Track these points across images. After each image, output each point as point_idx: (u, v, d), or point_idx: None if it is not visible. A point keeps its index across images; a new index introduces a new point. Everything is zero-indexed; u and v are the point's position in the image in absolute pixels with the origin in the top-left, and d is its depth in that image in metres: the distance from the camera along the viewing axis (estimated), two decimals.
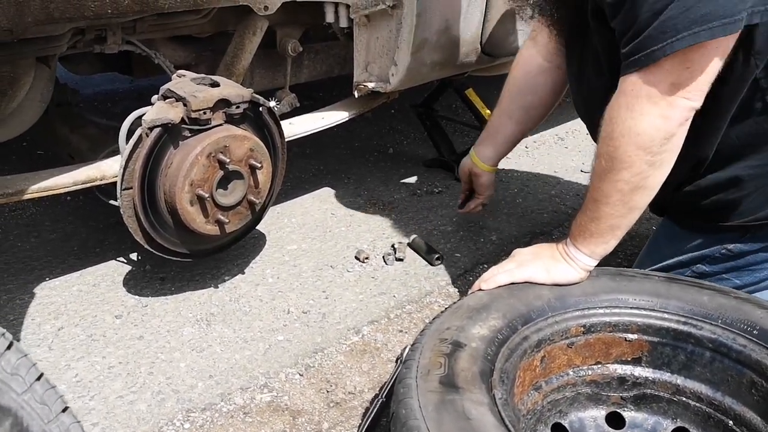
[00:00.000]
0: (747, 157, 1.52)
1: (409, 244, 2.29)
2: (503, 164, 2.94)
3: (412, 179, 2.84)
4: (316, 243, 2.31)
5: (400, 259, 2.22)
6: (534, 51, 1.95)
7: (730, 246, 1.63)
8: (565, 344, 1.42)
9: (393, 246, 2.27)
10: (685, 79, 1.29)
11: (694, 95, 1.31)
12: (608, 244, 1.49)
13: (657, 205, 1.66)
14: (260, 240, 2.31)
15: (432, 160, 2.97)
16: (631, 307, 1.44)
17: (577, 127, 3.42)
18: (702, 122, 1.41)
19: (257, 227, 2.15)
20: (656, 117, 1.32)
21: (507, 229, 2.44)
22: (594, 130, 1.57)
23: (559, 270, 1.49)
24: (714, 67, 1.30)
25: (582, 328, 1.42)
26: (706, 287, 1.45)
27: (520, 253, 1.58)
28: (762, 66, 1.39)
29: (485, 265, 2.20)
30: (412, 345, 1.33)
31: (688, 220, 1.71)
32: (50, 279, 2.03)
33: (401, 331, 1.90)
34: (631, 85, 1.34)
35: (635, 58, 1.31)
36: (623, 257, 2.20)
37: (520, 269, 1.51)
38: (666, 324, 1.41)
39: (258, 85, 2.52)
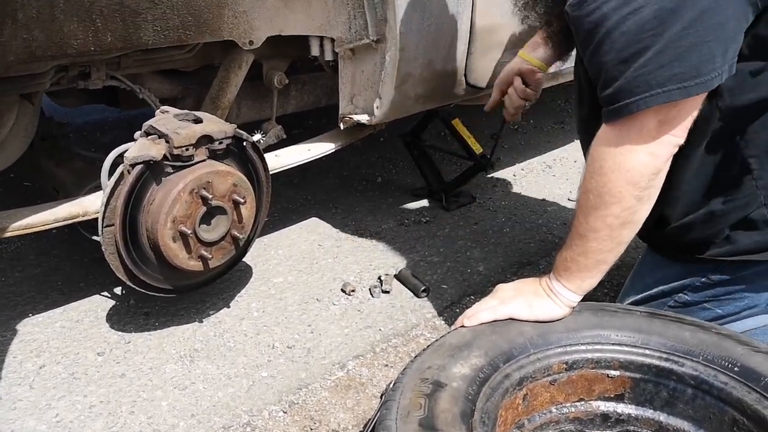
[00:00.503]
0: (719, 193, 1.53)
1: (395, 276, 2.29)
2: (491, 192, 2.97)
3: (400, 209, 2.84)
4: (303, 275, 2.31)
5: (387, 292, 2.21)
6: None
7: (710, 275, 1.64)
8: (547, 381, 1.42)
9: (379, 278, 2.26)
10: (672, 117, 1.31)
11: (679, 132, 1.34)
12: (594, 279, 1.49)
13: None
14: (246, 272, 2.30)
15: (420, 189, 2.97)
16: (613, 344, 1.44)
17: (564, 155, 3.44)
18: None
19: (243, 259, 2.14)
20: (645, 154, 1.33)
21: (494, 260, 2.44)
22: (584, 149, 1.60)
23: (542, 306, 1.49)
24: (698, 105, 1.33)
25: (564, 365, 1.42)
26: (687, 322, 1.45)
27: (503, 289, 1.58)
28: (726, 105, 1.43)
29: (472, 297, 2.19)
30: (393, 385, 1.32)
31: (666, 250, 1.72)
32: (33, 315, 2.02)
33: (387, 365, 1.89)
34: (619, 123, 1.35)
35: (612, 108, 1.33)
36: (609, 287, 2.20)
37: (502, 306, 1.50)
38: (648, 360, 1.41)
39: (245, 116, 2.53)
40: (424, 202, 2.90)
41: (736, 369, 1.32)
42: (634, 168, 1.34)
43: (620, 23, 1.27)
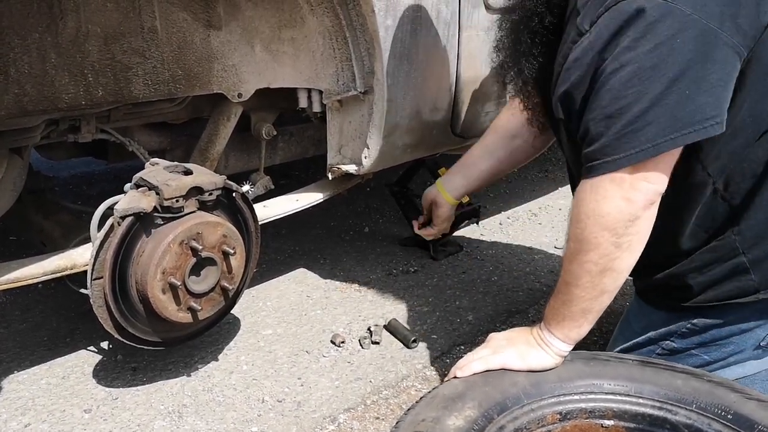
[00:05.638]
0: (700, 242, 1.56)
1: (385, 326, 2.28)
2: (478, 241, 2.99)
3: (388, 258, 2.84)
4: (292, 327, 2.29)
5: (377, 342, 2.19)
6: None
7: (695, 320, 1.65)
8: None
9: (369, 329, 2.25)
10: (646, 164, 1.33)
11: (656, 179, 1.35)
12: (582, 329, 1.50)
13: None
14: (235, 325, 2.28)
15: (407, 239, 2.98)
16: (606, 393, 1.44)
17: (549, 202, 3.47)
18: (669, 220, 1.46)
19: (232, 311, 2.13)
20: (619, 199, 1.35)
21: (483, 309, 2.44)
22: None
23: (533, 356, 1.49)
24: (675, 152, 1.35)
25: (558, 416, 1.41)
26: (679, 370, 1.46)
27: (495, 339, 1.58)
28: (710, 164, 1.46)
29: (462, 347, 2.18)
30: None
31: (652, 295, 1.74)
32: (18, 372, 1.98)
33: (378, 418, 1.86)
34: (599, 174, 1.37)
35: (598, 163, 1.35)
36: (599, 335, 2.20)
37: (494, 356, 1.50)
38: (641, 409, 1.40)
39: (233, 167, 2.54)
40: (412, 252, 2.90)
41: (729, 417, 1.32)
42: (608, 213, 1.36)
43: (606, 80, 1.31)
